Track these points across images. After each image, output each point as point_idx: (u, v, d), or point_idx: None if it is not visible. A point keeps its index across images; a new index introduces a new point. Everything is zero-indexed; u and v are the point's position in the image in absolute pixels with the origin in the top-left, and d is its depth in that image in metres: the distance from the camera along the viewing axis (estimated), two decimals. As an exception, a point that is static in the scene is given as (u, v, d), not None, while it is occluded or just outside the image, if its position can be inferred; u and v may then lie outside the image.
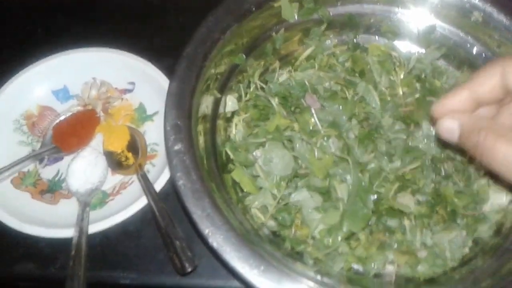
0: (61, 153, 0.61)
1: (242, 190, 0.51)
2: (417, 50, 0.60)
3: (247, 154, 0.52)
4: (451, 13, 0.57)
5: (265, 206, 0.50)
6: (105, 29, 0.73)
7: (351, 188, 0.49)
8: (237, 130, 0.55)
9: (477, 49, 0.57)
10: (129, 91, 0.66)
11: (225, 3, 0.55)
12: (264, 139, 0.51)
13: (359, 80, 0.56)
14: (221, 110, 0.55)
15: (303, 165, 0.50)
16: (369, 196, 0.48)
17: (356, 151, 0.50)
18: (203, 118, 0.52)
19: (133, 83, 0.66)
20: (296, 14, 0.59)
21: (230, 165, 0.53)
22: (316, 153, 0.50)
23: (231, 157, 0.53)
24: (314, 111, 0.53)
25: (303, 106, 0.55)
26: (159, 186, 0.57)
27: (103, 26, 0.73)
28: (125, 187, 0.59)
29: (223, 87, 0.56)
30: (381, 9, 0.59)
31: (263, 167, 0.49)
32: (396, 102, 0.55)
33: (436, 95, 0.56)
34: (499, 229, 0.50)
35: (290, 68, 0.60)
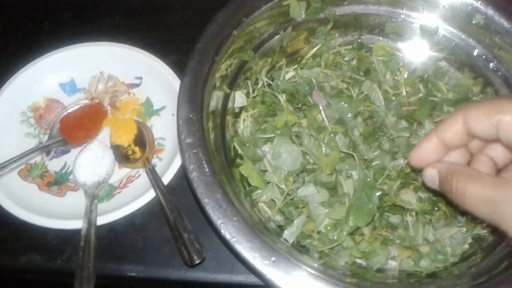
0: (68, 145, 0.62)
1: (249, 184, 0.52)
2: (420, 51, 0.61)
3: (255, 149, 0.53)
4: (453, 16, 0.59)
5: (272, 200, 0.51)
6: (111, 24, 0.74)
7: (357, 183, 0.50)
8: (245, 125, 0.56)
9: (478, 51, 0.59)
10: (136, 85, 0.66)
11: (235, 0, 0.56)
12: (272, 135, 0.52)
13: (364, 79, 0.57)
14: (229, 105, 0.56)
15: (310, 161, 0.51)
16: (374, 191, 0.50)
17: (361, 148, 0.52)
18: (213, 113, 0.53)
19: (140, 78, 0.66)
20: (303, 13, 0.60)
21: (238, 160, 0.54)
22: (323, 149, 0.51)
23: (239, 152, 0.54)
24: (321, 108, 0.54)
25: (310, 103, 0.56)
26: (166, 180, 0.57)
27: (108, 21, 0.74)
28: (132, 180, 0.60)
29: (232, 83, 0.57)
30: (386, 10, 0.61)
31: (271, 162, 0.50)
32: (399, 101, 0.56)
33: (437, 95, 0.58)
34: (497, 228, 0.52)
35: (296, 66, 0.61)
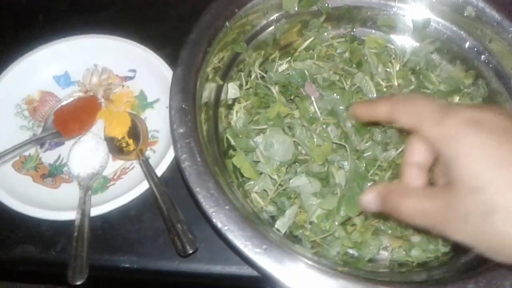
0: (62, 138, 0.62)
1: (242, 175, 0.53)
2: (412, 43, 0.62)
3: (248, 140, 0.53)
4: (445, 8, 0.59)
5: (264, 191, 0.51)
6: (105, 17, 0.74)
7: (349, 174, 0.50)
8: (238, 117, 0.56)
9: (469, 43, 0.59)
10: (130, 78, 0.66)
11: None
12: (265, 126, 0.53)
13: (357, 71, 0.58)
14: (222, 97, 0.56)
15: (302, 151, 0.52)
16: (366, 182, 0.50)
17: (353, 139, 0.52)
18: (206, 105, 0.53)
19: (134, 71, 0.66)
20: (296, 5, 0.60)
21: (230, 151, 0.54)
22: (315, 139, 0.51)
23: (232, 143, 0.54)
24: (313, 100, 0.55)
25: (303, 95, 0.56)
26: (160, 172, 0.58)
27: (103, 13, 0.74)
28: (126, 172, 0.60)
29: (225, 75, 0.57)
30: (378, 3, 0.61)
31: (263, 152, 0.51)
32: (391, 93, 0.57)
33: (429, 87, 0.58)
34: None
35: (289, 58, 0.61)
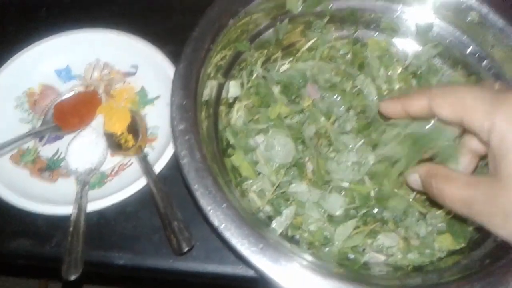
0: (61, 132, 0.62)
1: (240, 175, 0.52)
2: (414, 47, 0.62)
3: (248, 139, 0.53)
4: (448, 13, 0.59)
5: (262, 191, 0.51)
6: (108, 11, 0.73)
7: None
8: (238, 116, 0.56)
9: (471, 49, 0.59)
10: (132, 74, 0.66)
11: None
12: (265, 125, 0.53)
13: (358, 73, 0.58)
14: (223, 95, 0.56)
15: (305, 154, 0.52)
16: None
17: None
18: (206, 102, 0.53)
19: (136, 66, 0.66)
20: (300, 6, 0.60)
21: (230, 150, 0.54)
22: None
23: (231, 142, 0.54)
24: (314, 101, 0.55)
25: (304, 95, 0.56)
26: (158, 169, 0.57)
27: (106, 8, 0.74)
28: (124, 168, 0.60)
29: (227, 73, 0.57)
30: (382, 6, 0.61)
31: (264, 153, 0.50)
32: (392, 96, 0.56)
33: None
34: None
35: (291, 58, 0.61)
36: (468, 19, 0.58)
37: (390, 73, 0.59)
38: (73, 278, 0.48)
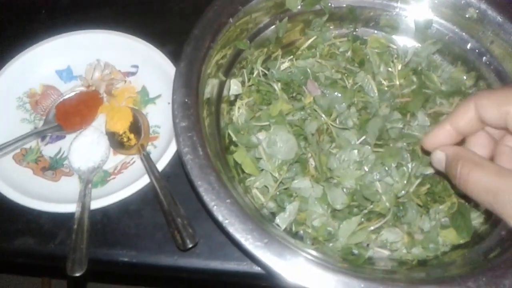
0: (63, 131, 0.62)
1: (243, 171, 0.53)
2: (413, 44, 0.62)
3: (250, 136, 0.53)
4: (447, 9, 0.60)
5: (265, 187, 0.51)
6: (108, 13, 0.74)
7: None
8: (239, 113, 0.56)
9: (471, 45, 0.60)
10: (133, 74, 0.67)
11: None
12: (267, 123, 0.53)
13: (359, 70, 0.58)
14: (224, 93, 0.57)
15: (307, 150, 0.52)
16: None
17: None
18: (208, 101, 0.53)
19: (136, 66, 0.67)
20: (299, 4, 0.60)
21: (232, 147, 0.54)
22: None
23: (234, 139, 0.54)
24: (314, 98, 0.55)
25: (305, 92, 0.56)
26: (160, 167, 0.58)
27: (106, 9, 0.74)
28: (127, 167, 0.60)
29: (228, 71, 0.57)
30: (381, 3, 0.61)
31: (266, 149, 0.51)
32: (393, 92, 0.57)
33: (430, 87, 0.59)
34: (489, 217, 0.53)
35: (291, 57, 0.61)
36: (467, 16, 0.58)
37: (390, 69, 0.59)
38: (78, 274, 0.48)
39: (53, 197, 0.57)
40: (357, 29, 0.63)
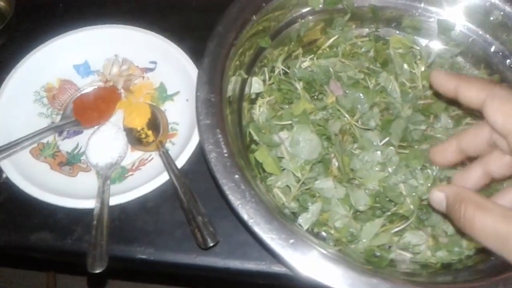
0: (81, 126, 0.61)
1: (264, 170, 0.52)
2: (437, 45, 0.62)
3: (271, 135, 0.52)
4: (471, 12, 0.59)
5: (287, 187, 0.51)
6: (124, 7, 0.73)
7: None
8: (261, 111, 0.56)
9: (495, 48, 0.59)
10: (151, 70, 0.66)
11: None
12: (289, 122, 0.52)
13: (381, 70, 0.57)
14: (246, 91, 0.56)
15: (329, 150, 0.51)
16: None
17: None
18: (230, 98, 0.53)
19: (155, 62, 0.66)
20: (321, 2, 0.60)
21: (253, 146, 0.54)
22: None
23: (254, 137, 0.54)
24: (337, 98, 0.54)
25: (326, 92, 0.56)
26: (179, 164, 0.57)
27: (122, 4, 0.73)
28: (145, 163, 0.60)
29: (249, 69, 0.57)
30: (404, 4, 0.61)
31: (289, 149, 0.50)
32: (416, 94, 0.56)
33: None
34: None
35: (312, 56, 0.61)
36: (491, 18, 0.58)
37: (413, 70, 0.58)
38: (98, 271, 0.48)
39: (70, 193, 0.56)
40: (379, 29, 0.63)
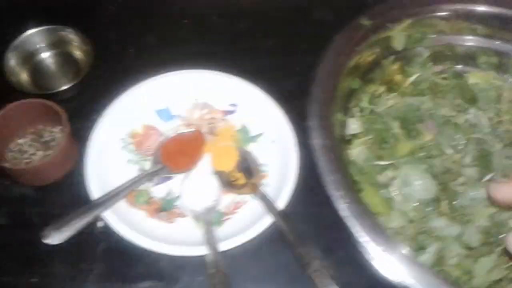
0: (170, 172, 0.62)
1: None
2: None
3: (375, 175, 0.54)
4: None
5: (401, 227, 0.52)
6: (194, 50, 0.74)
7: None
8: (357, 152, 0.57)
9: None
10: (231, 112, 0.67)
11: (345, 30, 0.58)
12: (391, 161, 0.54)
13: (469, 106, 0.59)
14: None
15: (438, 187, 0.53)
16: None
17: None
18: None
19: (235, 105, 0.67)
20: (404, 42, 0.62)
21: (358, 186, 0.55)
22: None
23: (356, 178, 0.54)
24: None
25: (419, 130, 0.57)
26: (279, 206, 0.57)
27: (191, 47, 0.75)
28: (240, 206, 0.60)
29: (345, 111, 0.58)
30: (481, 41, 0.63)
31: (400, 190, 0.51)
32: (507, 128, 0.58)
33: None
34: None
35: (395, 93, 0.63)
36: None
37: (498, 105, 0.60)
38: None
39: (170, 239, 0.56)
40: (457, 66, 0.65)
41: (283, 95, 0.66)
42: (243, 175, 0.61)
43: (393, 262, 0.43)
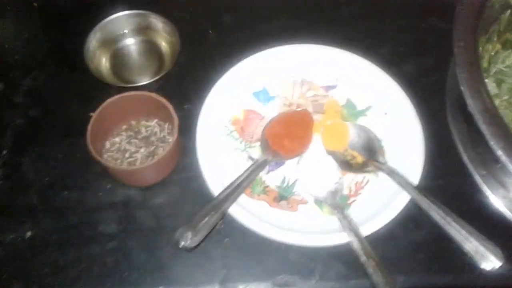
0: (283, 158, 0.57)
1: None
2: None
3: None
4: None
5: None
6: (275, 26, 0.69)
7: None
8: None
9: None
10: (333, 87, 0.62)
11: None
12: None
13: None
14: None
15: None
16: None
17: None
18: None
19: (336, 78, 0.62)
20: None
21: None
22: None
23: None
24: None
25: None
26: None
27: (272, 23, 0.70)
28: (362, 186, 0.56)
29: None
30: None
31: None
32: None
33: None
34: None
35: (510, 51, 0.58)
36: None
37: None
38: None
39: (299, 229, 0.52)
40: None
41: (386, 62, 0.61)
42: (358, 153, 0.57)
43: None
